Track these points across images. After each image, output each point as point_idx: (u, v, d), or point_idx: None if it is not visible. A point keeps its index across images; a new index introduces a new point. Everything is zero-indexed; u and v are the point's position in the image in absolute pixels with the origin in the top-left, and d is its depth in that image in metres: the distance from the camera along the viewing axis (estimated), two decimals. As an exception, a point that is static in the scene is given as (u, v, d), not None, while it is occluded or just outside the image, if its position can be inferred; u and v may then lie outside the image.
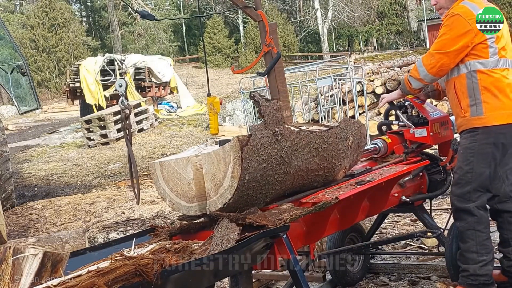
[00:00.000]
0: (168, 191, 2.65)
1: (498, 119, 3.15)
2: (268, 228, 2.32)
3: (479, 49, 3.14)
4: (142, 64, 17.35)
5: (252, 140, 2.40)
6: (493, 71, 3.15)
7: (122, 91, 3.89)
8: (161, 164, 2.67)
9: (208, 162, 2.50)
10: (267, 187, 2.54)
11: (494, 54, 3.15)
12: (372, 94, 10.77)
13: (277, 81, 5.12)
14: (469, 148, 3.21)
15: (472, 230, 3.19)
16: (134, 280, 1.76)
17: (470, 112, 3.19)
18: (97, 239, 5.49)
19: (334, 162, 2.91)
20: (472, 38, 3.11)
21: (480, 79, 3.15)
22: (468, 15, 3.13)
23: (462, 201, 3.22)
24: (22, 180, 9.86)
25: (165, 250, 1.99)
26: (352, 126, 3.04)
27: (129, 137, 3.69)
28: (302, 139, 2.68)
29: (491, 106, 3.14)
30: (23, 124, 21.24)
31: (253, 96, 2.52)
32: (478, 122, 3.17)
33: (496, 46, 3.15)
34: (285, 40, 34.69)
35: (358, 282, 3.95)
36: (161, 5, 41.94)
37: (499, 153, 3.19)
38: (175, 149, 11.95)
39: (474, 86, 3.17)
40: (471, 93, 3.17)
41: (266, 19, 5.10)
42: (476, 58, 3.15)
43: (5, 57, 7.96)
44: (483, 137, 3.16)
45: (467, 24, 3.11)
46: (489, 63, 3.15)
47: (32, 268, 1.94)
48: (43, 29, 32.13)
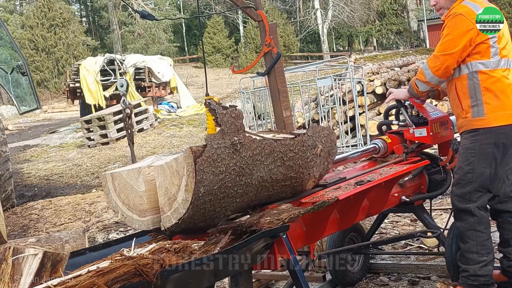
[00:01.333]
0: (120, 204, 2.49)
1: (499, 120, 3.15)
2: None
3: (481, 49, 3.14)
4: (142, 64, 17.35)
5: (207, 151, 2.23)
6: (494, 72, 3.15)
7: (123, 91, 3.89)
8: (112, 176, 2.50)
9: (161, 175, 2.32)
10: (226, 200, 2.36)
11: (496, 54, 3.15)
12: (372, 94, 10.76)
13: (277, 81, 5.12)
14: (469, 148, 3.20)
15: (472, 231, 3.18)
16: (134, 280, 1.76)
17: (471, 113, 3.18)
18: (97, 239, 5.48)
19: (302, 171, 2.73)
20: (475, 37, 3.11)
21: (481, 79, 3.15)
22: (470, 14, 3.13)
23: (463, 201, 3.21)
24: (22, 180, 9.86)
25: (165, 250, 1.99)
26: (321, 134, 2.88)
27: (131, 136, 3.69)
28: (265, 148, 2.49)
29: (492, 107, 3.14)
30: (23, 124, 21.24)
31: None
32: (479, 123, 3.17)
33: (498, 46, 3.15)
34: (285, 40, 34.69)
35: (358, 282, 3.95)
36: (161, 5, 41.92)
37: (500, 153, 3.19)
38: (175, 149, 11.95)
39: (475, 87, 3.16)
40: (473, 94, 3.17)
41: (266, 19, 5.10)
42: (477, 59, 3.15)
43: (5, 57, 7.96)
44: (484, 137, 3.16)
45: (470, 23, 3.11)
46: (491, 63, 3.14)
47: (32, 268, 1.94)
48: (42, 29, 32.11)
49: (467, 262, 3.22)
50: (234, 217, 2.65)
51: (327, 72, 11.70)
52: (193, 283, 2.09)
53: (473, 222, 3.18)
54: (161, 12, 38.96)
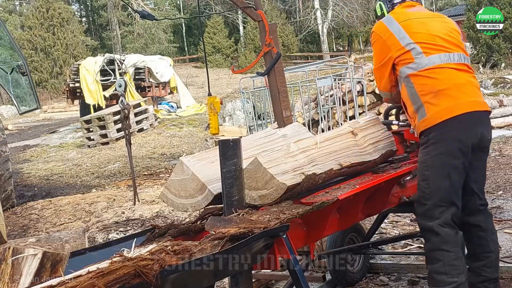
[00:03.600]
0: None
1: (442, 115, 2.93)
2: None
3: (403, 56, 3.06)
4: (142, 64, 17.35)
5: None
6: (424, 71, 3.02)
7: (121, 91, 3.89)
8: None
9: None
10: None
11: (419, 53, 3.03)
12: (372, 94, 10.77)
13: (277, 81, 5.12)
14: (422, 162, 3.02)
15: (438, 251, 2.94)
16: (134, 281, 1.75)
17: (417, 118, 3.04)
18: (97, 239, 5.48)
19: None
20: (389, 52, 3.09)
21: (414, 82, 3.03)
22: (381, 30, 3.15)
23: (425, 218, 3.00)
24: (22, 180, 9.85)
25: (165, 250, 1.98)
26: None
27: (128, 137, 3.69)
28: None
29: (432, 104, 2.97)
30: (23, 124, 21.23)
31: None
32: (423, 124, 3.00)
33: (418, 46, 3.04)
34: (284, 40, 34.69)
35: (358, 282, 3.96)
36: (160, 5, 41.94)
37: (461, 160, 2.95)
38: (175, 149, 11.95)
39: (412, 92, 3.04)
40: (413, 99, 3.05)
41: (266, 19, 5.10)
42: (404, 64, 3.07)
43: (5, 57, 7.96)
44: (435, 147, 2.96)
45: (382, 40, 3.12)
46: (416, 64, 3.03)
47: (32, 268, 1.94)
48: (41, 29, 32.11)
49: (437, 284, 2.94)
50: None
51: (327, 72, 11.70)
52: (193, 283, 2.08)
53: (438, 242, 2.93)
54: (161, 12, 38.97)
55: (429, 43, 3.06)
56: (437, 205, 2.95)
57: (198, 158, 2.84)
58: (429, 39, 3.08)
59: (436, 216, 2.94)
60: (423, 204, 3.00)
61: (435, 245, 2.95)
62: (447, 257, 2.91)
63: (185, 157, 2.86)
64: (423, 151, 3.02)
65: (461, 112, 2.94)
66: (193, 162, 2.78)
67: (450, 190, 2.96)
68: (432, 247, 2.97)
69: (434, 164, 2.96)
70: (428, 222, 2.97)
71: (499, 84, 14.04)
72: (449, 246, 2.92)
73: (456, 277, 2.90)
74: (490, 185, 6.41)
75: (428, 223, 2.97)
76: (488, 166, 3.81)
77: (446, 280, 2.89)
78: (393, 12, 3.27)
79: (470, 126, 2.98)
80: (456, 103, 2.95)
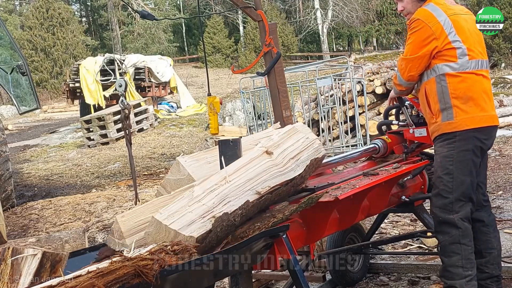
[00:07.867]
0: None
1: (469, 123, 3.03)
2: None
3: (446, 51, 3.04)
4: (142, 64, 17.35)
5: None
6: (462, 74, 3.04)
7: (121, 91, 3.89)
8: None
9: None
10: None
11: (463, 55, 3.04)
12: (372, 94, 10.76)
13: (277, 81, 5.12)
14: (447, 156, 3.07)
15: (457, 244, 3.02)
16: (134, 281, 1.75)
17: (441, 117, 3.07)
18: (97, 239, 5.48)
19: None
20: (435, 43, 3.04)
21: (449, 82, 3.04)
22: (428, 18, 3.06)
23: (445, 212, 3.06)
24: (22, 180, 9.86)
25: (165, 250, 1.98)
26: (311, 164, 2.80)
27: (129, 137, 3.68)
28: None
29: (461, 110, 3.03)
30: (23, 124, 21.23)
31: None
32: (449, 127, 3.05)
33: (464, 47, 3.05)
34: (284, 40, 34.68)
35: (358, 282, 3.96)
36: (161, 5, 41.91)
37: (479, 159, 3.09)
38: (175, 149, 11.95)
39: (443, 90, 3.05)
40: (441, 98, 3.06)
41: (266, 19, 5.10)
42: (444, 61, 3.05)
43: (5, 57, 7.96)
44: (462, 144, 3.04)
45: (428, 28, 3.04)
46: (458, 65, 3.04)
47: (31, 268, 1.94)
48: (41, 29, 32.09)
49: (453, 277, 3.03)
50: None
51: (327, 72, 11.69)
52: (193, 283, 2.08)
53: (458, 235, 3.02)
54: (161, 12, 38.95)
55: (472, 46, 3.08)
56: (458, 199, 3.04)
57: (195, 159, 2.80)
58: (471, 41, 3.09)
59: (456, 210, 3.04)
60: (444, 198, 3.07)
61: (454, 239, 3.03)
62: (465, 250, 3.02)
63: (182, 157, 2.82)
64: (448, 146, 3.08)
65: (486, 125, 3.09)
66: (190, 163, 2.73)
67: (470, 186, 3.06)
68: (452, 241, 3.04)
69: (460, 159, 3.05)
70: (448, 215, 3.05)
71: (499, 84, 14.02)
72: (467, 240, 3.03)
73: (471, 270, 3.02)
74: (490, 185, 6.40)
75: (448, 216, 3.05)
76: (488, 166, 3.82)
77: (462, 273, 3.00)
78: (435, 1, 3.16)
79: (489, 136, 3.15)
80: (484, 115, 3.08)
